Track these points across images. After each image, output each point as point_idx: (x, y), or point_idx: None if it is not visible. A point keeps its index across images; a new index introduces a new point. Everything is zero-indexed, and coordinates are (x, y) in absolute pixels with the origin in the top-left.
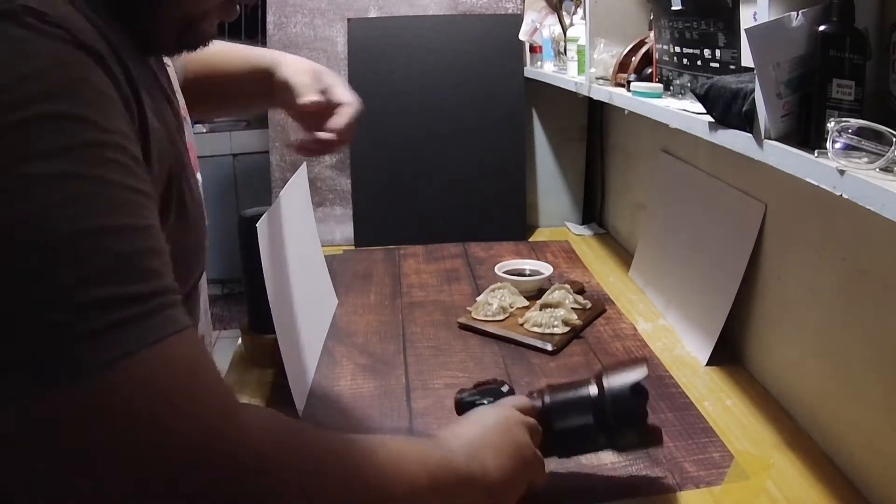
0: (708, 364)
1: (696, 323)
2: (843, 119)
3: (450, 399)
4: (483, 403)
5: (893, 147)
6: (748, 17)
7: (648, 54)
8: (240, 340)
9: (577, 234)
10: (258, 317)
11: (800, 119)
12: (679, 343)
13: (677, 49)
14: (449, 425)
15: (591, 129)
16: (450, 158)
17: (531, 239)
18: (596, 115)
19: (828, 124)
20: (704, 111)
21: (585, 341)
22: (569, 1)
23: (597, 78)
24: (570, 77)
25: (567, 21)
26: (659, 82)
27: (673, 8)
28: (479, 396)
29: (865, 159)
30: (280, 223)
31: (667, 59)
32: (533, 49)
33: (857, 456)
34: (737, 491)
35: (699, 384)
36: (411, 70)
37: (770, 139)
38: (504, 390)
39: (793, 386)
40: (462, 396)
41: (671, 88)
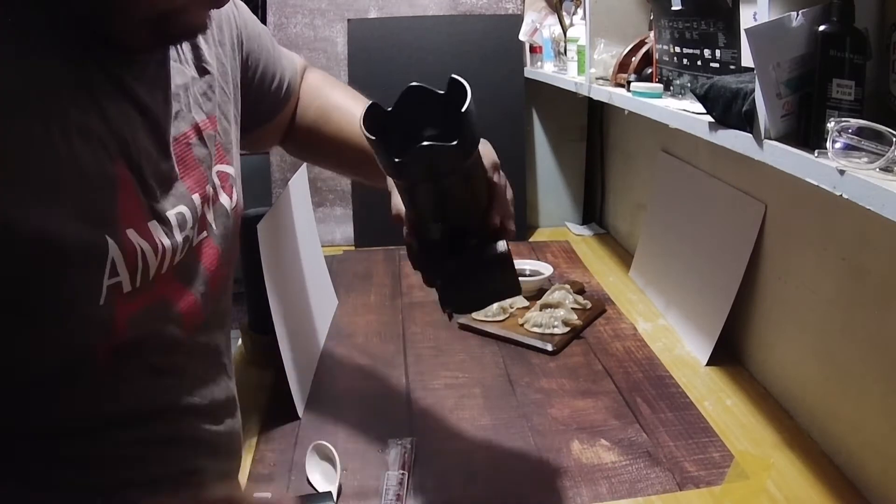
0: (708, 364)
1: (696, 323)
2: (843, 119)
3: (450, 399)
4: None
5: (893, 147)
6: (748, 17)
7: (648, 54)
8: (240, 340)
9: (577, 235)
10: (258, 317)
11: (800, 119)
12: (679, 343)
13: (677, 49)
14: None
15: (591, 129)
16: None
17: (531, 239)
18: (596, 116)
19: (828, 124)
20: (704, 111)
21: (585, 341)
22: (569, 1)
23: (597, 78)
24: (570, 77)
25: (567, 21)
26: (659, 82)
27: (673, 8)
28: None
29: (865, 159)
30: (280, 223)
31: (667, 60)
32: (533, 49)
33: (857, 456)
34: (737, 491)
35: (699, 384)
36: (411, 70)
37: (770, 139)
38: None
39: (793, 386)
40: None
41: (671, 88)
